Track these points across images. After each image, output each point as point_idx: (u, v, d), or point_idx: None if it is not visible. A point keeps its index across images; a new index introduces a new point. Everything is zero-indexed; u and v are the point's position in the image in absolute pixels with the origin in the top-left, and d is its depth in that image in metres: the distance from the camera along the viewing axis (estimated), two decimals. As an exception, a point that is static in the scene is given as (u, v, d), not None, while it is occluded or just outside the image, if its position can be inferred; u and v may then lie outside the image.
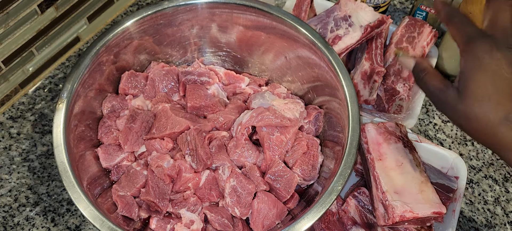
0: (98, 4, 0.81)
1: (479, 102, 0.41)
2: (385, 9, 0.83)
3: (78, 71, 0.60)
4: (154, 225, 0.59)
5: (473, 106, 0.42)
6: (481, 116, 0.41)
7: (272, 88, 0.71)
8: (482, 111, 0.41)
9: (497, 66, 0.41)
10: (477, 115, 0.41)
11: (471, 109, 0.42)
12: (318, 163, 0.63)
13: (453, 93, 0.44)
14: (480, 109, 0.41)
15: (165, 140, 0.64)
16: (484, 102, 0.41)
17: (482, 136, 0.42)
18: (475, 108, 0.42)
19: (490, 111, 0.41)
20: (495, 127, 0.41)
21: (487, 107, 0.41)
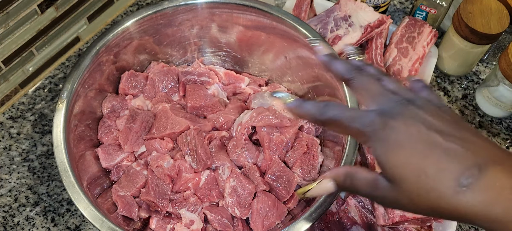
0: (98, 4, 0.81)
1: (415, 182, 0.33)
2: (385, 9, 0.83)
3: (78, 71, 0.60)
4: (154, 225, 0.59)
5: (412, 190, 0.34)
6: (428, 194, 0.33)
7: (272, 88, 0.71)
8: (426, 190, 0.33)
9: (406, 133, 0.34)
10: (422, 195, 0.33)
11: (412, 193, 0.34)
12: (318, 163, 0.63)
13: (385, 183, 0.36)
14: (423, 189, 0.33)
15: (165, 140, 0.64)
16: (421, 179, 0.33)
17: (441, 213, 0.33)
18: (416, 190, 0.33)
19: (435, 186, 0.32)
20: (451, 200, 0.32)
21: (429, 183, 0.33)
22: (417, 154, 0.33)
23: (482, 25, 0.71)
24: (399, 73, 0.72)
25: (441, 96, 0.40)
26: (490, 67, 0.84)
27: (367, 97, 0.38)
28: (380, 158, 0.36)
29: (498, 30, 0.70)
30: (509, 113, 0.77)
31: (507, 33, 0.76)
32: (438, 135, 0.33)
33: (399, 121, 0.35)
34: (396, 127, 0.35)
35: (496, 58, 0.83)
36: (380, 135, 0.35)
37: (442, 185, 0.32)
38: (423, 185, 0.33)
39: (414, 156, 0.34)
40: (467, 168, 0.32)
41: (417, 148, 0.34)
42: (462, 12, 0.72)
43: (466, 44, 0.74)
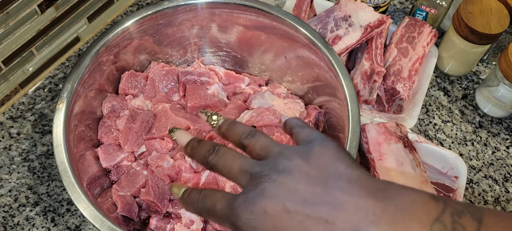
0: (98, 4, 0.81)
1: None
2: (385, 9, 0.83)
3: (78, 71, 0.60)
4: (154, 225, 0.59)
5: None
6: None
7: (272, 88, 0.71)
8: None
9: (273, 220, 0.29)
10: None
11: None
12: (318, 163, 0.63)
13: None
14: None
15: (165, 140, 0.64)
16: None
17: None
18: None
19: None
20: None
21: None
22: None
23: (482, 25, 0.71)
24: (399, 73, 0.72)
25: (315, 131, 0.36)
26: (490, 67, 0.84)
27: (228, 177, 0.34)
28: None
29: (498, 30, 0.70)
30: (509, 113, 0.77)
31: (507, 33, 0.76)
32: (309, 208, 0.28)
33: (261, 206, 0.30)
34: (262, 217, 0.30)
35: (496, 58, 0.83)
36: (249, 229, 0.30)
37: None
38: None
39: None
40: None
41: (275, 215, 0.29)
42: (462, 12, 0.72)
43: (466, 44, 0.74)
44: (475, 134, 0.77)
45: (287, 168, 0.31)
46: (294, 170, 0.31)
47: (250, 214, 0.30)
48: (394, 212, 0.27)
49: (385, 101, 0.74)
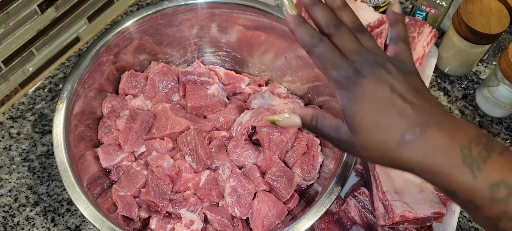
0: (98, 4, 0.81)
1: (370, 133, 0.39)
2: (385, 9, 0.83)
3: (78, 71, 0.60)
4: (154, 225, 0.59)
5: (367, 139, 0.40)
6: (378, 145, 0.39)
7: (272, 88, 0.71)
8: (378, 141, 0.39)
9: (371, 91, 0.39)
10: (374, 145, 0.39)
11: (366, 142, 0.40)
12: (318, 163, 0.63)
13: (346, 129, 0.41)
14: (375, 139, 0.39)
15: (165, 140, 0.64)
16: (375, 131, 0.39)
17: (387, 162, 0.40)
18: (370, 140, 0.40)
19: (385, 138, 0.39)
20: (395, 151, 0.39)
21: (380, 136, 0.39)
22: (376, 110, 0.39)
23: (482, 25, 0.71)
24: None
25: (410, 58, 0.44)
26: (490, 67, 0.84)
27: (345, 52, 0.42)
28: (345, 106, 0.41)
29: (498, 30, 0.70)
30: (509, 113, 0.77)
31: (507, 33, 0.76)
32: (398, 97, 0.39)
33: (369, 80, 0.40)
34: (365, 84, 0.40)
35: (496, 58, 0.83)
36: (350, 87, 0.40)
37: (390, 139, 0.39)
38: (376, 136, 0.39)
39: (373, 111, 0.39)
40: (411, 127, 0.38)
41: (377, 106, 0.39)
42: (462, 12, 0.72)
43: (466, 44, 0.74)
44: (475, 134, 0.77)
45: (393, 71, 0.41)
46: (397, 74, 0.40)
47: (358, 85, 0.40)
48: (453, 123, 0.39)
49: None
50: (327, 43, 0.42)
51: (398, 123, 0.38)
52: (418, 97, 0.39)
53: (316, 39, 0.42)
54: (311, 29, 0.43)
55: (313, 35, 0.43)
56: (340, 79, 0.41)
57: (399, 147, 0.38)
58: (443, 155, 0.37)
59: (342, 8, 0.45)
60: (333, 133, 0.43)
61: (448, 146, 0.37)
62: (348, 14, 0.45)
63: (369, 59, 0.41)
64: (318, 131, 0.45)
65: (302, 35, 0.43)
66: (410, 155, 0.38)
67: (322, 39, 0.42)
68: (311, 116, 0.45)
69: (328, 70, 0.42)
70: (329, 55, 0.42)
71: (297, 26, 0.44)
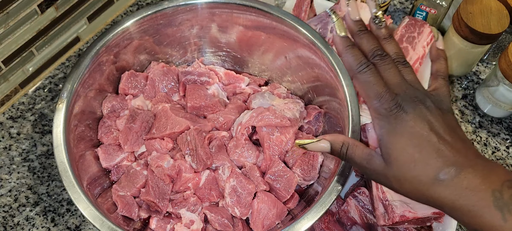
0: (98, 4, 0.81)
1: (406, 167, 0.41)
2: (385, 9, 0.83)
3: (78, 71, 0.60)
4: (154, 225, 0.59)
5: (401, 172, 0.41)
6: (412, 179, 0.40)
7: (272, 88, 0.71)
8: (412, 175, 0.40)
9: (411, 127, 0.41)
10: (407, 179, 0.41)
11: (401, 175, 0.41)
12: (318, 163, 0.63)
13: (379, 160, 0.42)
14: (410, 174, 0.40)
15: (165, 140, 0.64)
16: (411, 166, 0.40)
17: (418, 197, 0.41)
18: (404, 173, 0.41)
19: (419, 174, 0.40)
20: (429, 188, 0.40)
21: (415, 171, 0.40)
22: (414, 146, 0.40)
23: (482, 25, 0.71)
24: (399, 73, 0.72)
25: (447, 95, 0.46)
26: (490, 67, 0.84)
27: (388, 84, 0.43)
28: (383, 137, 0.42)
29: (498, 30, 0.70)
30: (509, 113, 0.77)
31: (507, 33, 0.76)
32: (435, 136, 0.40)
33: (409, 116, 0.41)
34: (406, 119, 0.41)
35: (496, 58, 0.83)
36: (391, 120, 0.42)
37: (425, 175, 0.40)
38: (411, 170, 0.40)
39: (411, 146, 0.40)
40: (446, 166, 0.39)
41: (415, 142, 0.40)
42: (462, 12, 0.72)
43: (466, 44, 0.74)
44: (475, 134, 0.77)
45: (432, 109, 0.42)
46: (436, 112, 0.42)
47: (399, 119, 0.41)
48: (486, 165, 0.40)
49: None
50: (373, 72, 0.44)
51: (434, 161, 0.40)
52: (453, 137, 0.41)
53: (364, 66, 0.44)
54: (360, 54, 0.45)
55: (361, 61, 0.44)
56: (381, 110, 0.42)
57: (433, 184, 0.40)
58: (475, 196, 0.38)
59: (387, 39, 0.47)
60: (365, 162, 0.44)
61: (480, 187, 0.38)
62: (392, 45, 0.46)
63: (411, 95, 0.42)
64: (349, 158, 0.45)
65: (349, 59, 0.45)
66: (443, 193, 0.39)
67: (369, 67, 0.44)
68: (341, 142, 0.45)
69: (370, 99, 0.43)
70: (374, 83, 0.43)
71: (345, 49, 0.46)
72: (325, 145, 0.46)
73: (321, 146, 0.46)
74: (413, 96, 0.42)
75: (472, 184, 0.38)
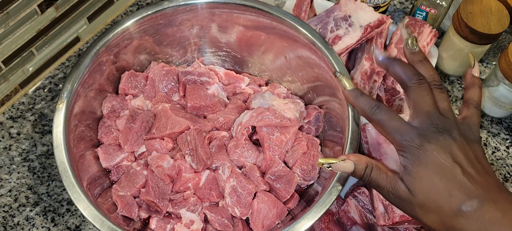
0: (98, 4, 0.81)
1: (430, 197, 0.41)
2: (385, 9, 0.83)
3: (78, 71, 0.60)
4: (154, 225, 0.59)
5: (425, 202, 0.41)
6: (435, 209, 0.41)
7: (272, 88, 0.71)
8: (435, 205, 0.41)
9: (435, 157, 0.41)
10: (431, 208, 0.41)
11: (425, 205, 0.42)
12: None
13: (404, 187, 0.43)
14: (433, 203, 0.41)
15: (165, 140, 0.64)
16: (435, 196, 0.41)
17: (441, 226, 0.42)
18: (429, 204, 0.41)
19: (443, 205, 0.41)
20: (452, 219, 0.40)
21: (439, 201, 0.41)
22: (438, 177, 0.41)
23: (482, 25, 0.71)
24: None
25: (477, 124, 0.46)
26: (490, 67, 0.84)
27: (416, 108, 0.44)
28: (408, 168, 0.42)
29: (498, 30, 0.70)
30: (509, 113, 0.77)
31: (507, 33, 0.76)
32: (458, 168, 0.41)
33: (433, 146, 0.42)
34: (429, 150, 0.42)
35: (496, 58, 0.83)
36: (414, 151, 0.42)
37: (448, 206, 0.40)
38: (435, 200, 0.41)
39: (435, 177, 0.41)
40: (469, 199, 0.40)
41: (440, 173, 0.41)
42: (462, 12, 0.72)
43: (466, 44, 0.74)
44: (475, 134, 0.77)
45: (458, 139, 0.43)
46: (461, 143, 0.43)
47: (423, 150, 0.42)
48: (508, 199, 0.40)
49: (385, 101, 0.74)
50: (384, 109, 0.45)
51: (458, 193, 0.40)
52: (477, 169, 0.41)
53: (374, 108, 0.45)
54: (369, 98, 0.46)
55: (371, 104, 0.46)
56: (403, 142, 0.43)
57: (456, 215, 0.40)
58: (495, 229, 0.39)
59: (423, 62, 0.47)
60: (390, 187, 0.44)
61: (501, 221, 0.39)
62: (427, 68, 0.47)
63: (438, 125, 0.43)
64: (372, 181, 0.45)
65: (362, 106, 0.46)
66: (464, 224, 0.40)
67: (379, 106, 0.45)
68: (365, 164, 0.46)
69: (390, 135, 0.44)
70: (390, 119, 0.44)
71: (356, 99, 0.47)
72: (349, 165, 0.46)
73: (345, 166, 0.46)
74: (439, 127, 0.43)
75: (493, 217, 0.39)
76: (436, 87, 0.46)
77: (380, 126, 0.45)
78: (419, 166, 0.42)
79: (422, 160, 0.42)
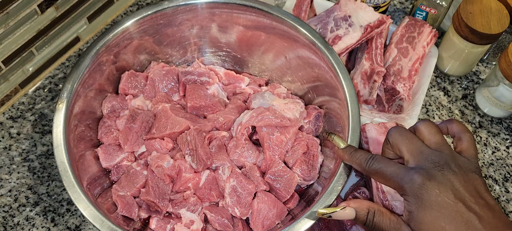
0: (98, 4, 0.81)
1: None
2: (385, 9, 0.83)
3: (78, 71, 0.60)
4: (154, 225, 0.59)
5: None
6: None
7: (272, 88, 0.71)
8: None
9: (437, 196, 0.41)
10: None
11: None
12: (318, 163, 0.63)
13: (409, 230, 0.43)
14: None
15: (165, 140, 0.64)
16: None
17: None
18: None
19: None
20: None
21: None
22: (443, 218, 0.40)
23: (482, 25, 0.71)
24: (399, 73, 0.72)
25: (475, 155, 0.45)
26: (490, 67, 0.84)
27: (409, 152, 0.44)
28: (413, 213, 0.42)
29: (498, 30, 0.70)
30: (509, 113, 0.77)
31: (507, 33, 0.76)
32: (462, 205, 0.40)
33: (433, 183, 0.41)
34: (431, 188, 0.41)
35: (496, 58, 0.83)
36: (417, 192, 0.41)
37: None
38: None
39: (441, 219, 0.40)
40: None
41: (444, 213, 0.40)
42: (462, 12, 0.72)
43: (466, 44, 0.74)
44: (475, 134, 0.77)
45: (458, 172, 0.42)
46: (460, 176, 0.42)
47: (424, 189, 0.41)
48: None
49: (385, 101, 0.74)
50: (378, 158, 0.45)
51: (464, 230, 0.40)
52: (480, 204, 0.41)
53: (369, 160, 0.46)
54: (363, 152, 0.48)
55: (366, 157, 0.47)
56: (404, 185, 0.42)
57: None
58: None
59: None
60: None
61: None
62: None
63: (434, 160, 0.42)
64: (376, 227, 0.45)
65: (357, 161, 0.48)
66: None
67: (374, 157, 0.46)
68: (367, 209, 0.46)
69: (390, 181, 0.44)
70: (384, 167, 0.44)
71: (351, 156, 0.49)
72: (350, 213, 0.46)
73: (346, 214, 0.46)
74: (436, 162, 0.42)
75: None
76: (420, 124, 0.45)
77: (379, 175, 0.45)
78: (424, 209, 0.41)
79: (426, 201, 0.41)
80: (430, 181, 0.41)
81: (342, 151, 0.50)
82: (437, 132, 0.45)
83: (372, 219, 0.45)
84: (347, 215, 0.46)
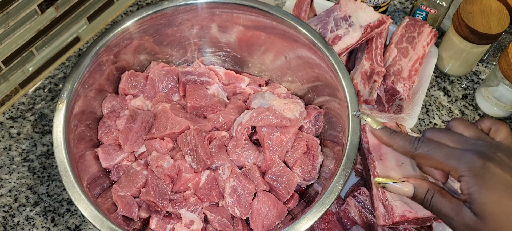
0: (98, 4, 0.81)
1: (503, 220, 0.39)
2: (385, 9, 0.83)
3: (78, 71, 0.60)
4: (154, 225, 0.59)
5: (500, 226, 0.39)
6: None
7: (272, 88, 0.71)
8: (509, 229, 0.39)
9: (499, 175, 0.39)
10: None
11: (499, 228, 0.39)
12: (318, 163, 0.63)
13: (470, 214, 0.41)
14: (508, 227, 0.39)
15: (165, 140, 0.64)
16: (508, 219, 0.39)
17: None
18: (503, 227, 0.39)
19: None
20: None
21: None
22: (508, 196, 0.39)
23: (482, 25, 0.71)
24: (399, 73, 0.72)
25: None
26: (490, 67, 0.84)
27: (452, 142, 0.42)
28: (474, 194, 0.40)
29: (498, 30, 0.70)
30: (509, 113, 0.77)
31: (507, 33, 0.76)
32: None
33: (495, 163, 0.39)
34: (493, 169, 0.39)
35: (496, 58, 0.83)
36: (478, 172, 0.40)
37: None
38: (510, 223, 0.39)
39: (506, 197, 0.39)
40: None
41: (509, 191, 0.39)
42: (462, 12, 0.72)
43: (466, 44, 0.74)
44: (475, 134, 0.77)
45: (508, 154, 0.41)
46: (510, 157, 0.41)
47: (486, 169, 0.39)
48: None
49: (385, 101, 0.74)
50: (426, 141, 0.43)
51: None
52: None
53: (416, 142, 0.43)
54: (404, 134, 0.45)
55: (411, 139, 0.44)
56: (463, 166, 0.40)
57: None
58: None
59: None
60: (453, 214, 0.42)
61: None
62: None
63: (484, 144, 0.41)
64: (434, 207, 0.44)
65: (400, 143, 0.45)
66: None
67: (420, 139, 0.43)
68: (426, 188, 0.44)
69: (444, 163, 0.42)
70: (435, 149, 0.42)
71: (391, 137, 0.46)
72: (408, 189, 0.45)
73: (404, 190, 0.45)
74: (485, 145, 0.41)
75: None
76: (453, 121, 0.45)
77: (427, 158, 0.43)
78: (487, 189, 0.39)
79: (488, 181, 0.39)
80: (491, 161, 0.40)
81: (380, 133, 0.47)
82: (472, 125, 0.44)
83: (430, 199, 0.44)
84: (404, 191, 0.45)
